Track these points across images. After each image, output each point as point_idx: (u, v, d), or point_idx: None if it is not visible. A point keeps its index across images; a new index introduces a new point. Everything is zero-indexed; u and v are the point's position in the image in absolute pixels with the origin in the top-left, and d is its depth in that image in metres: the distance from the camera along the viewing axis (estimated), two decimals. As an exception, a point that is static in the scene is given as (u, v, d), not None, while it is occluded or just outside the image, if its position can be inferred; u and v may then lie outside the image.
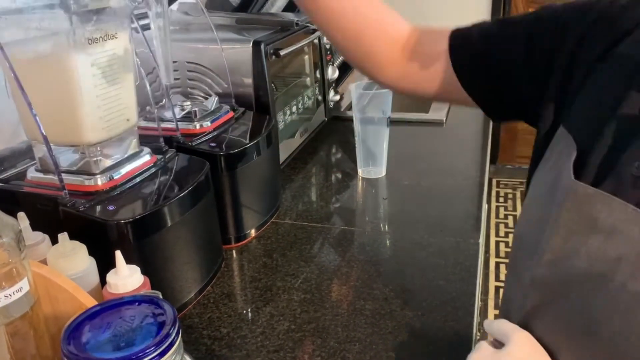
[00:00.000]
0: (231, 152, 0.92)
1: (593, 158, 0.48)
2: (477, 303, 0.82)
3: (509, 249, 2.74)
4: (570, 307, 0.47)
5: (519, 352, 0.49)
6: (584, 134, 0.50)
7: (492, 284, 2.55)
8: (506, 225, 3.03)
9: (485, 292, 2.48)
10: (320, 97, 1.46)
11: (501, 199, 3.32)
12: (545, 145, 0.57)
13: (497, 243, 2.87)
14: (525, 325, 0.52)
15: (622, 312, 0.43)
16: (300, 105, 1.33)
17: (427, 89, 0.71)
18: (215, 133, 0.97)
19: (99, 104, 0.71)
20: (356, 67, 0.75)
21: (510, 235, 2.88)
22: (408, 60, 0.70)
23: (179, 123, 0.94)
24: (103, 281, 0.64)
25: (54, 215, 0.70)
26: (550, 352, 0.49)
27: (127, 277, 0.62)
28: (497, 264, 2.69)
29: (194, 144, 0.92)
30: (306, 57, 1.39)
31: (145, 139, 0.84)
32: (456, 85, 0.67)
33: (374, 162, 1.23)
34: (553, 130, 0.56)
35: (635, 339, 0.43)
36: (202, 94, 1.13)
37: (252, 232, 1.00)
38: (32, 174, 0.75)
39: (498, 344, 0.52)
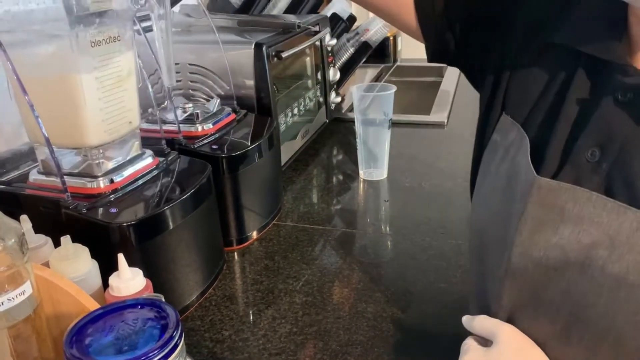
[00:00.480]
0: (233, 154, 0.92)
1: (549, 147, 0.49)
2: (479, 306, 0.82)
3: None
4: (552, 296, 0.47)
5: (509, 349, 0.49)
6: (534, 124, 0.51)
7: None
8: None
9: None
10: (321, 99, 1.46)
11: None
12: (486, 123, 0.58)
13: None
14: (507, 319, 0.51)
15: (605, 294, 0.44)
16: (301, 107, 1.33)
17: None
18: (217, 135, 0.97)
19: (101, 107, 0.71)
20: None
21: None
22: None
23: (180, 125, 0.94)
24: (105, 284, 0.64)
25: (56, 217, 0.70)
26: (537, 343, 0.49)
27: (130, 280, 0.62)
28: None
29: (195, 146, 0.92)
30: (308, 59, 1.39)
31: (147, 141, 0.84)
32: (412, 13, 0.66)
33: (375, 164, 1.23)
34: (491, 106, 0.57)
35: (622, 318, 0.43)
36: (204, 96, 1.13)
37: (254, 234, 1.01)
38: (35, 176, 0.75)
39: (484, 342, 0.52)
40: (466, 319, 0.54)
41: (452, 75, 1.98)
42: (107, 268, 0.64)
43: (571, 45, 0.50)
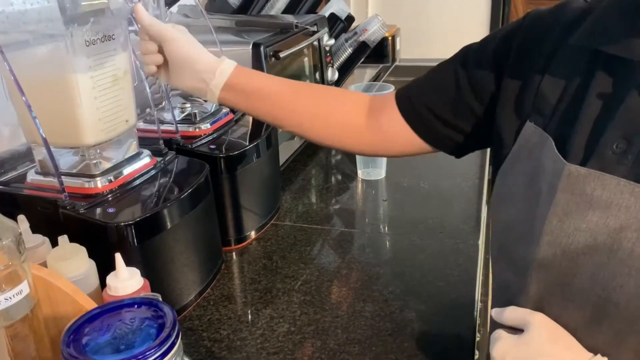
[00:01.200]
0: (231, 154, 0.92)
1: (571, 143, 0.50)
2: (477, 305, 0.82)
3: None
4: (580, 281, 0.48)
5: (541, 335, 0.50)
6: (554, 124, 0.52)
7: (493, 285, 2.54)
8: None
9: (485, 293, 2.47)
10: (319, 99, 1.46)
11: (501, 200, 3.30)
12: (500, 143, 0.59)
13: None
14: (536, 309, 0.52)
15: (635, 274, 0.45)
16: (299, 107, 1.32)
17: (396, 149, 0.72)
18: (215, 135, 0.97)
19: (97, 106, 0.71)
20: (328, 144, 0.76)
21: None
22: (372, 127, 0.72)
23: (178, 125, 0.94)
24: (103, 284, 0.64)
25: (54, 217, 0.70)
26: (568, 330, 0.50)
27: (127, 280, 0.62)
28: (497, 265, 2.68)
29: (193, 146, 0.92)
30: (306, 59, 1.39)
31: (145, 141, 0.84)
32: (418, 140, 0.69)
33: (373, 164, 1.23)
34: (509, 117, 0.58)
35: None
36: (202, 96, 1.13)
37: (252, 234, 1.00)
38: (32, 176, 0.75)
39: (514, 332, 0.53)
40: (496, 312, 0.55)
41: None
42: (105, 268, 0.64)
43: (590, 47, 0.50)
